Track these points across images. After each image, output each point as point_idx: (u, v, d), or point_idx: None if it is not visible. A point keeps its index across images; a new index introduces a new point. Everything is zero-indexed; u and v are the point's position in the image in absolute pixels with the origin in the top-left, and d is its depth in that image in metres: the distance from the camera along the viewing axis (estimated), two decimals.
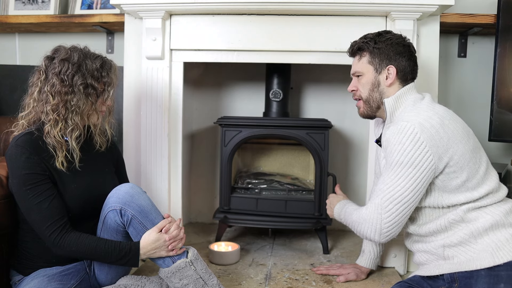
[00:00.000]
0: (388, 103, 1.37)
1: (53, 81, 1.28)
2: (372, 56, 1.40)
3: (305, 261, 1.87)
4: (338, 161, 2.34)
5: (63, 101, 1.27)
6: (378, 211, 1.29)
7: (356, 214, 1.40)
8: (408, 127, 1.24)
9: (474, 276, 1.20)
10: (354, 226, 1.41)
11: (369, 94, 1.42)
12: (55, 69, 1.28)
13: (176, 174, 1.93)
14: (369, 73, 1.41)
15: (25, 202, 1.23)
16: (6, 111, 2.40)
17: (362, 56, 1.42)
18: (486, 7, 2.10)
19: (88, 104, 1.32)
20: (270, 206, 1.98)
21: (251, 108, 2.36)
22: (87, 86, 1.30)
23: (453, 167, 1.24)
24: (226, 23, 1.83)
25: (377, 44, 1.39)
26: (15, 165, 1.24)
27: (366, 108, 1.45)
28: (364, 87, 1.43)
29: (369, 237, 1.34)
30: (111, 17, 2.09)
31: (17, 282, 1.33)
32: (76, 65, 1.29)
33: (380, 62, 1.39)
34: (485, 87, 2.17)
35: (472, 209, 1.25)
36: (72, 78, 1.28)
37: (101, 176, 1.42)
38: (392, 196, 1.27)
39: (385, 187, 1.29)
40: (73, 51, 1.31)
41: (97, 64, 1.32)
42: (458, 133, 1.26)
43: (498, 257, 1.19)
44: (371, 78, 1.41)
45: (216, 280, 1.37)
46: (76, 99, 1.28)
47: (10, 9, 2.30)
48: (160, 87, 1.86)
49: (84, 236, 1.26)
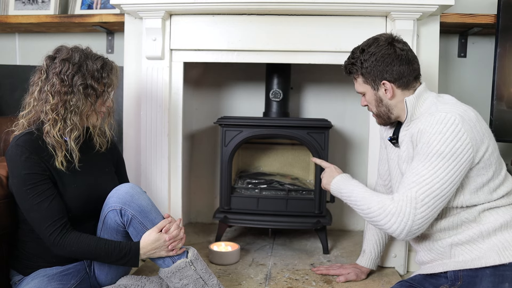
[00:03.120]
0: (410, 101, 1.34)
1: (53, 81, 1.27)
2: (364, 77, 1.39)
3: (305, 261, 1.87)
4: (338, 161, 2.34)
5: (62, 101, 1.27)
6: (412, 205, 1.19)
7: (375, 201, 1.28)
8: (449, 117, 1.21)
9: (479, 275, 1.20)
10: (367, 212, 1.30)
11: (377, 109, 1.42)
12: (55, 68, 1.28)
13: (176, 174, 1.93)
14: (368, 91, 1.41)
15: (25, 202, 1.23)
16: (6, 111, 2.40)
17: (357, 78, 1.42)
18: (486, 7, 2.10)
19: (87, 104, 1.32)
20: (270, 205, 1.98)
21: (251, 108, 2.36)
22: (87, 86, 1.30)
23: (483, 162, 1.22)
24: (226, 23, 1.83)
25: (364, 64, 1.37)
26: (15, 164, 1.24)
27: (379, 120, 1.46)
28: (371, 104, 1.43)
29: (392, 232, 1.23)
30: (111, 17, 2.09)
31: (17, 282, 1.33)
32: (76, 65, 1.29)
33: (373, 80, 1.38)
34: (485, 87, 2.17)
35: (486, 210, 1.24)
36: (72, 78, 1.28)
37: (101, 176, 1.42)
38: (430, 189, 1.18)
39: (420, 179, 1.20)
40: (75, 51, 1.31)
41: (98, 65, 1.31)
42: (488, 130, 1.26)
43: (504, 256, 1.18)
44: (373, 96, 1.40)
45: (216, 280, 1.37)
46: (75, 99, 1.28)
47: (10, 9, 2.30)
48: (160, 87, 1.86)
49: (84, 236, 1.26)
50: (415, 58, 1.39)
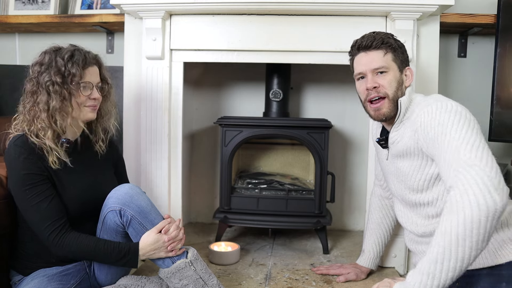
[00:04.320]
0: (403, 101, 1.32)
1: (27, 85, 1.28)
2: (395, 55, 1.35)
3: (305, 261, 1.87)
4: (338, 161, 2.34)
5: (33, 101, 1.27)
6: (471, 168, 1.00)
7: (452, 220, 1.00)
8: (446, 104, 1.18)
9: (476, 275, 1.20)
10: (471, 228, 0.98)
11: (396, 91, 1.33)
12: (30, 74, 1.29)
13: (176, 174, 1.93)
14: (394, 70, 1.35)
15: (24, 202, 1.23)
16: (6, 111, 2.40)
17: (388, 52, 1.34)
18: (486, 7, 2.10)
19: (58, 101, 1.26)
20: (270, 205, 1.98)
21: (251, 108, 2.36)
22: (53, 83, 1.26)
23: None
24: (226, 23, 1.83)
25: (398, 43, 1.37)
26: (13, 165, 1.24)
27: (390, 108, 1.33)
28: (391, 84, 1.32)
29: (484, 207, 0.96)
30: (111, 17, 2.10)
31: (17, 282, 1.33)
32: (45, 65, 1.27)
33: (402, 62, 1.36)
34: (485, 87, 2.17)
35: None
36: (39, 77, 1.26)
37: (100, 176, 1.42)
38: (473, 146, 1.05)
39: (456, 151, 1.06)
40: (47, 52, 1.30)
41: (64, 59, 1.27)
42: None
43: (501, 256, 1.18)
44: (397, 76, 1.35)
45: (216, 280, 1.37)
46: (44, 98, 1.25)
47: (10, 9, 2.30)
48: (160, 87, 1.86)
49: (83, 237, 1.26)
50: None
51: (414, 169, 1.29)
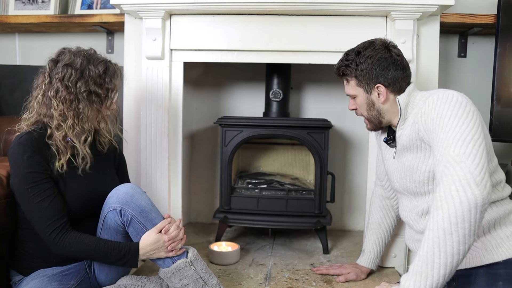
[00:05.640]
0: (402, 99, 1.33)
1: (57, 86, 1.28)
2: (358, 80, 1.37)
3: (305, 261, 1.87)
4: (338, 161, 2.34)
5: (69, 108, 1.28)
6: (457, 165, 1.04)
7: (438, 217, 1.04)
8: (448, 94, 1.18)
9: (473, 274, 1.20)
10: (455, 222, 1.02)
11: (368, 113, 1.40)
12: (58, 74, 1.28)
13: (176, 174, 1.93)
14: (361, 95, 1.39)
15: (26, 201, 1.23)
16: (6, 111, 2.40)
17: (349, 80, 1.40)
18: (486, 7, 2.10)
19: (93, 110, 1.33)
20: (270, 205, 1.98)
21: (251, 108, 2.36)
22: (90, 93, 1.30)
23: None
24: (226, 23, 1.83)
25: (359, 66, 1.35)
26: (17, 163, 1.24)
27: (371, 126, 1.44)
28: (361, 107, 1.41)
29: (465, 201, 1.01)
30: (111, 17, 2.10)
31: (17, 282, 1.33)
32: (79, 71, 1.29)
33: (367, 83, 1.36)
34: (485, 87, 2.17)
35: None
36: (76, 85, 1.28)
37: (102, 176, 1.42)
38: (464, 142, 1.07)
39: (447, 147, 1.08)
40: (77, 55, 1.31)
41: (100, 70, 1.31)
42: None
43: (497, 254, 1.18)
44: (365, 99, 1.39)
45: (216, 280, 1.37)
46: (81, 106, 1.29)
47: (10, 9, 2.30)
48: (160, 87, 1.86)
49: (84, 236, 1.26)
50: (408, 64, 1.40)
51: (419, 161, 1.28)
